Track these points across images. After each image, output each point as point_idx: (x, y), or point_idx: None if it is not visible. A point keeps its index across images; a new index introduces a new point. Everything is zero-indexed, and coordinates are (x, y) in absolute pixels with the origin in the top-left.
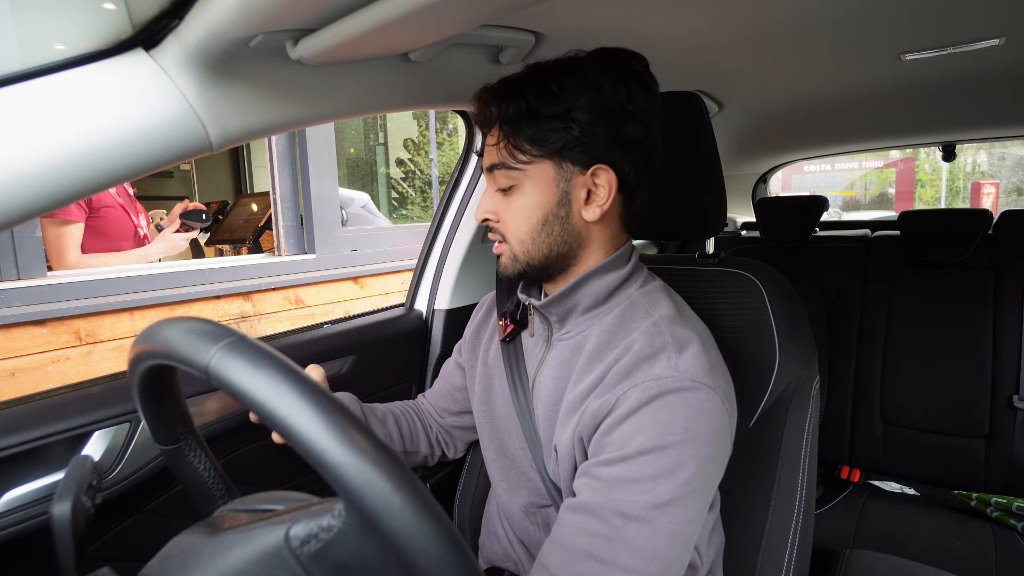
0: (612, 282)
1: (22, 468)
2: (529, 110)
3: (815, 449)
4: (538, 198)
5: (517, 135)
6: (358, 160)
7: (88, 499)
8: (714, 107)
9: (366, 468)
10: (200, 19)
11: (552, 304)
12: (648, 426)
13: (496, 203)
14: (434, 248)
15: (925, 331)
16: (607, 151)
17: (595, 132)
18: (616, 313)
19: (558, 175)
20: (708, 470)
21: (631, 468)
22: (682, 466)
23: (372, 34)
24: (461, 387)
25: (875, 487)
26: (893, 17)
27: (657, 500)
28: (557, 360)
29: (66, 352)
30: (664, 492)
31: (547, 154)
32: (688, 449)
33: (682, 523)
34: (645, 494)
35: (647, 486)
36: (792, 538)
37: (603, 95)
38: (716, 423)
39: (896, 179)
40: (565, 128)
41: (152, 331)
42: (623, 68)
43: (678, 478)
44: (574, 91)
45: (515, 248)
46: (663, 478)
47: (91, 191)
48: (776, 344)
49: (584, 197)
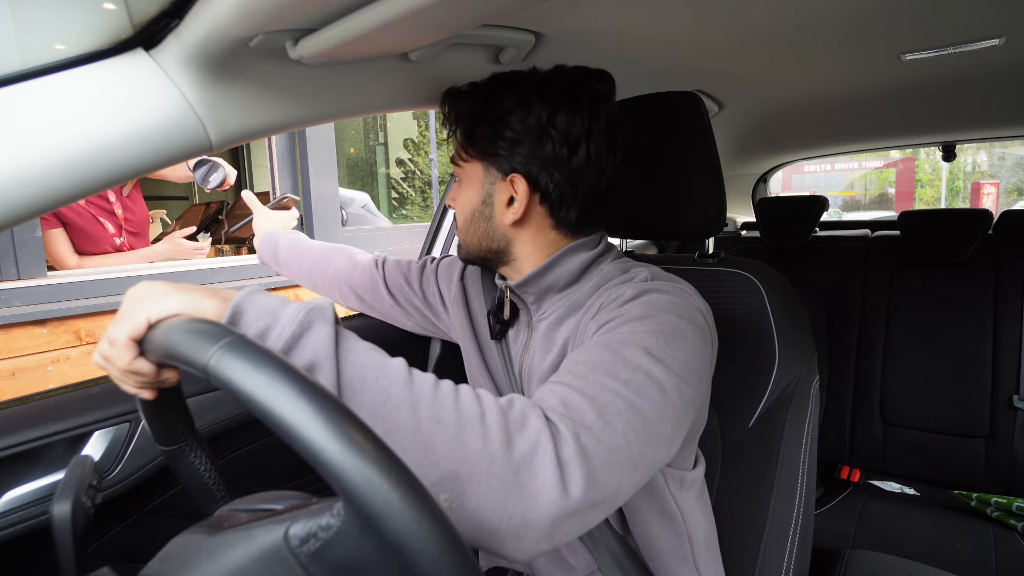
0: (583, 260)
1: (22, 468)
2: (472, 113)
3: (815, 449)
4: (469, 195)
5: (461, 134)
6: (358, 160)
7: (88, 499)
8: (714, 107)
9: (365, 467)
10: (200, 19)
11: (528, 282)
12: (621, 313)
13: (454, 192)
14: (434, 248)
15: (925, 331)
16: (524, 164)
17: (517, 145)
18: (591, 285)
19: (485, 177)
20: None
21: (597, 346)
22: (655, 341)
23: (372, 34)
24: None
25: (875, 487)
26: (893, 17)
27: (626, 367)
28: (540, 339)
29: (66, 352)
30: (631, 358)
31: (478, 156)
32: (663, 324)
33: (653, 393)
34: (616, 362)
35: (614, 357)
36: (792, 538)
37: (528, 113)
38: (696, 319)
39: (896, 179)
40: (494, 136)
41: (152, 331)
42: (559, 89)
43: (652, 354)
44: (508, 104)
45: (460, 236)
46: (631, 346)
47: (91, 191)
48: (776, 344)
49: (506, 201)
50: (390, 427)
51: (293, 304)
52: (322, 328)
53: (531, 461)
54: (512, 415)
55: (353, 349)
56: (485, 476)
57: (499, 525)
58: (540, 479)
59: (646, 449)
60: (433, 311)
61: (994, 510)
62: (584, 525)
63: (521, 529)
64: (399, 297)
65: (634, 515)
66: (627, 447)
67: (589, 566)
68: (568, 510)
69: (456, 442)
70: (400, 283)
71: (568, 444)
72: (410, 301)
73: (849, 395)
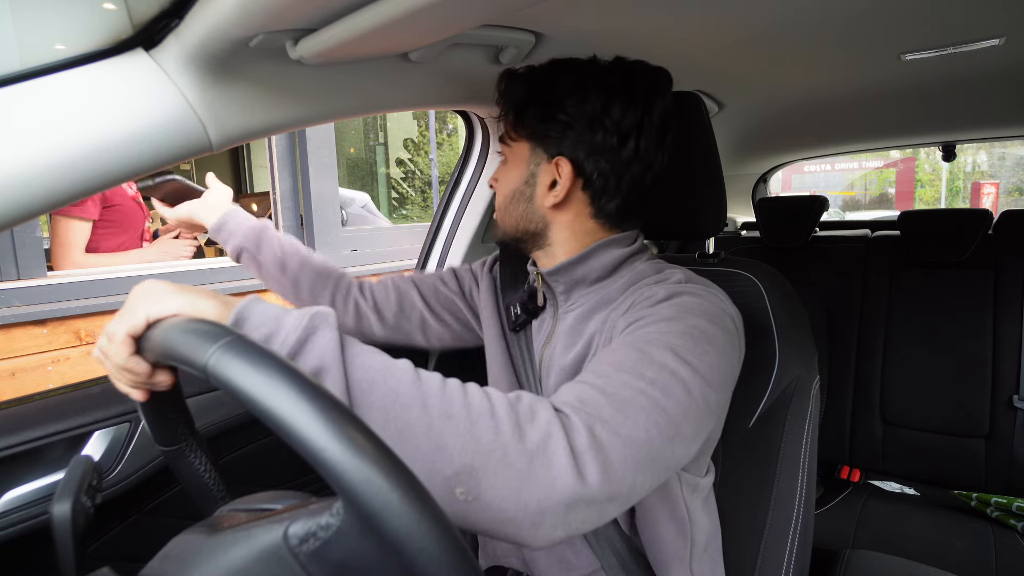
0: (618, 256)
1: (22, 468)
2: (526, 95)
3: (815, 449)
4: (513, 174)
5: (511, 114)
6: (358, 160)
7: (88, 499)
8: (714, 107)
9: (364, 466)
10: (200, 19)
11: (560, 272)
12: (652, 312)
13: (498, 172)
14: (434, 248)
15: (925, 331)
16: (571, 149)
17: (568, 129)
18: (623, 283)
19: (531, 158)
20: (714, 358)
21: (624, 345)
22: (683, 342)
23: (372, 34)
24: (448, 297)
25: (875, 487)
26: (893, 17)
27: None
28: (565, 331)
29: (66, 352)
30: (658, 357)
31: (526, 136)
32: (690, 325)
33: (679, 393)
34: (642, 360)
35: (640, 355)
36: (792, 538)
37: (584, 99)
38: (725, 324)
39: (896, 179)
40: (546, 117)
41: (152, 331)
42: (616, 79)
43: (679, 355)
44: (564, 88)
45: (498, 215)
46: (656, 345)
47: (91, 191)
48: (776, 344)
49: (548, 184)
50: (402, 426)
51: (296, 311)
52: (326, 332)
53: (544, 449)
54: (521, 408)
55: (359, 352)
56: (500, 467)
57: (516, 514)
58: (554, 466)
59: (667, 447)
60: (471, 308)
61: (994, 510)
62: (601, 517)
63: (538, 516)
64: (434, 302)
65: (645, 515)
66: (647, 443)
67: (591, 565)
68: (584, 497)
69: (468, 436)
70: (435, 286)
71: (580, 434)
72: (446, 305)
73: (849, 395)
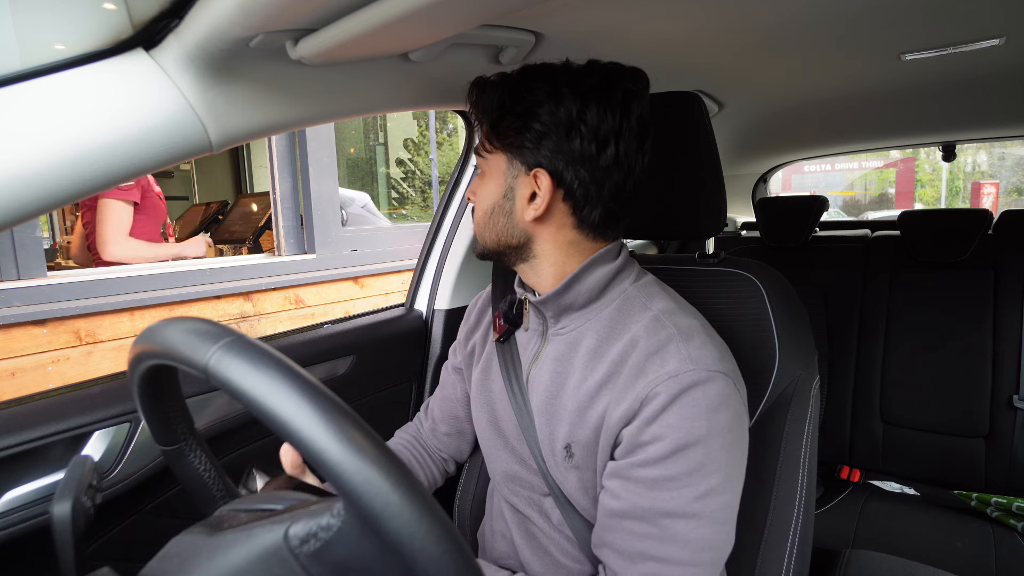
0: (604, 276)
1: (22, 468)
2: (500, 104)
3: (815, 449)
4: (491, 187)
5: (486, 124)
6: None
7: (88, 499)
8: (714, 107)
9: (365, 467)
10: (200, 19)
11: (548, 301)
12: (675, 424)
13: (475, 185)
14: (434, 248)
15: (925, 331)
16: (549, 159)
17: (544, 138)
18: (613, 308)
19: (508, 170)
20: (736, 453)
21: (666, 468)
22: (713, 457)
23: (372, 34)
24: (466, 394)
25: (875, 487)
26: (893, 17)
27: (696, 493)
28: (553, 355)
29: (66, 352)
30: (701, 484)
31: (502, 148)
32: (716, 440)
33: (723, 507)
34: (685, 488)
35: (684, 481)
36: (792, 538)
37: (558, 106)
38: (735, 407)
39: (896, 179)
40: (521, 127)
41: (151, 331)
42: (592, 83)
43: (711, 468)
44: (538, 96)
45: (477, 230)
46: (698, 472)
47: (91, 191)
48: (776, 344)
49: (528, 196)
50: None
51: None
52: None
53: None
54: None
55: None
56: None
57: None
58: None
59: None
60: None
61: (994, 510)
62: None
63: None
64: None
65: None
66: None
67: (587, 568)
68: None
69: None
70: (462, 401)
71: None
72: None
73: (849, 395)
